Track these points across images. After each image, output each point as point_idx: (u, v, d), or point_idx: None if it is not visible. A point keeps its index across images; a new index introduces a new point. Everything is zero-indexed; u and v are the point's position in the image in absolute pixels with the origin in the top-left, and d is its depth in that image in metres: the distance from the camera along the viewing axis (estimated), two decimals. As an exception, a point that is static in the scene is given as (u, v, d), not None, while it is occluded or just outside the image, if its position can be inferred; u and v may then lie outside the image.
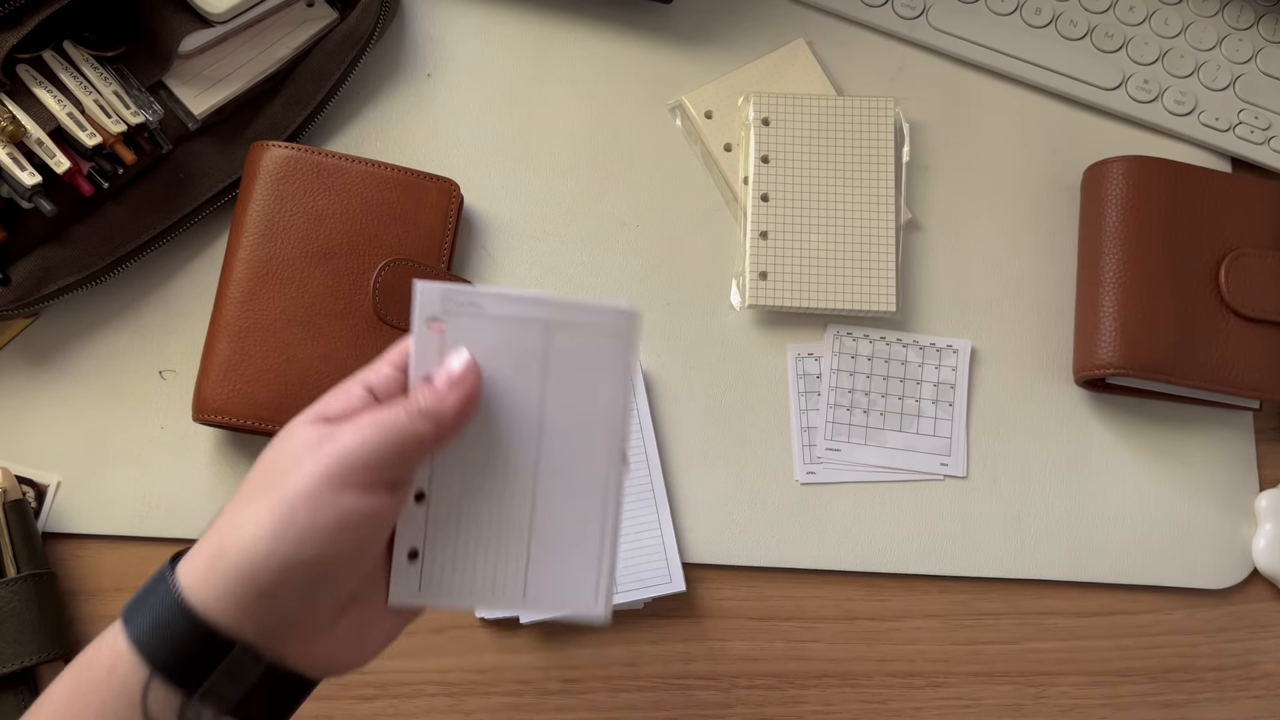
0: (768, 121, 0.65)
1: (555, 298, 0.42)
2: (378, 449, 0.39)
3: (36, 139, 0.56)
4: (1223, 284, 0.63)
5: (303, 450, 0.39)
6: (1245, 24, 0.71)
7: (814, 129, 0.66)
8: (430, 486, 0.42)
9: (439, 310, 0.42)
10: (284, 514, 0.37)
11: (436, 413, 0.40)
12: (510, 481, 0.43)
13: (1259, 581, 0.64)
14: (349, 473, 0.38)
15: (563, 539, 0.43)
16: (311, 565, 0.38)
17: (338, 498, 0.38)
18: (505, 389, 0.42)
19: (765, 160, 0.65)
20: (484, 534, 0.42)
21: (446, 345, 0.42)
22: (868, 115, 0.66)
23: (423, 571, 0.42)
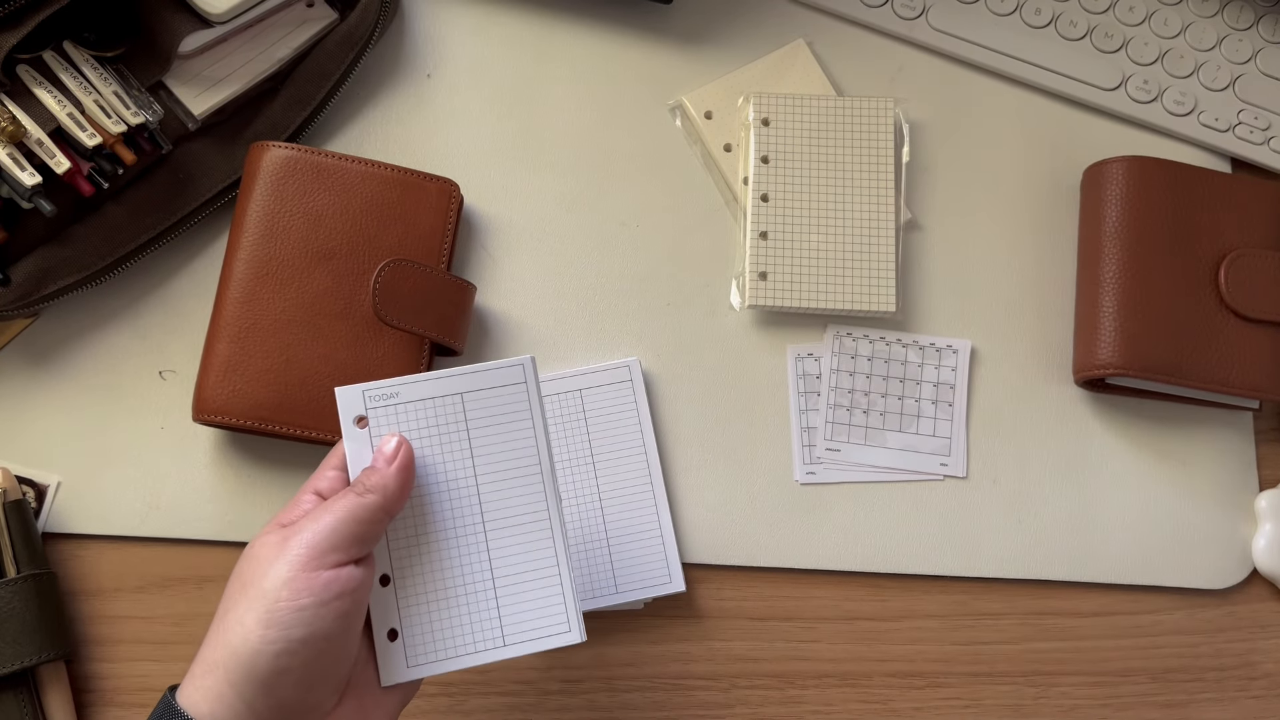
0: (768, 122, 0.65)
1: (460, 370, 0.47)
2: (336, 527, 0.43)
3: (36, 139, 0.56)
4: (1222, 284, 0.63)
5: (270, 553, 0.42)
6: (1245, 24, 0.71)
7: (814, 129, 0.66)
8: (393, 568, 0.46)
9: (361, 408, 0.47)
10: (266, 606, 0.41)
11: (381, 484, 0.45)
12: (464, 544, 0.47)
13: (1259, 582, 0.64)
14: (317, 554, 0.42)
15: (524, 581, 0.47)
16: (303, 646, 0.41)
17: (313, 578, 0.41)
18: (438, 462, 0.47)
19: (765, 160, 0.65)
20: (453, 598, 0.47)
21: (375, 437, 0.47)
22: (867, 115, 0.66)
23: (406, 648, 0.46)
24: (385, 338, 0.59)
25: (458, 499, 0.47)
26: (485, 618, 0.47)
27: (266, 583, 0.41)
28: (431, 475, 0.47)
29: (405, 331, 0.58)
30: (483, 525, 0.47)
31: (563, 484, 0.60)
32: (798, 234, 0.64)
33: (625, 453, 0.61)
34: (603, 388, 0.61)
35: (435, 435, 0.47)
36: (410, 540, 0.47)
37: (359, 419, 0.47)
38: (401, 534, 0.47)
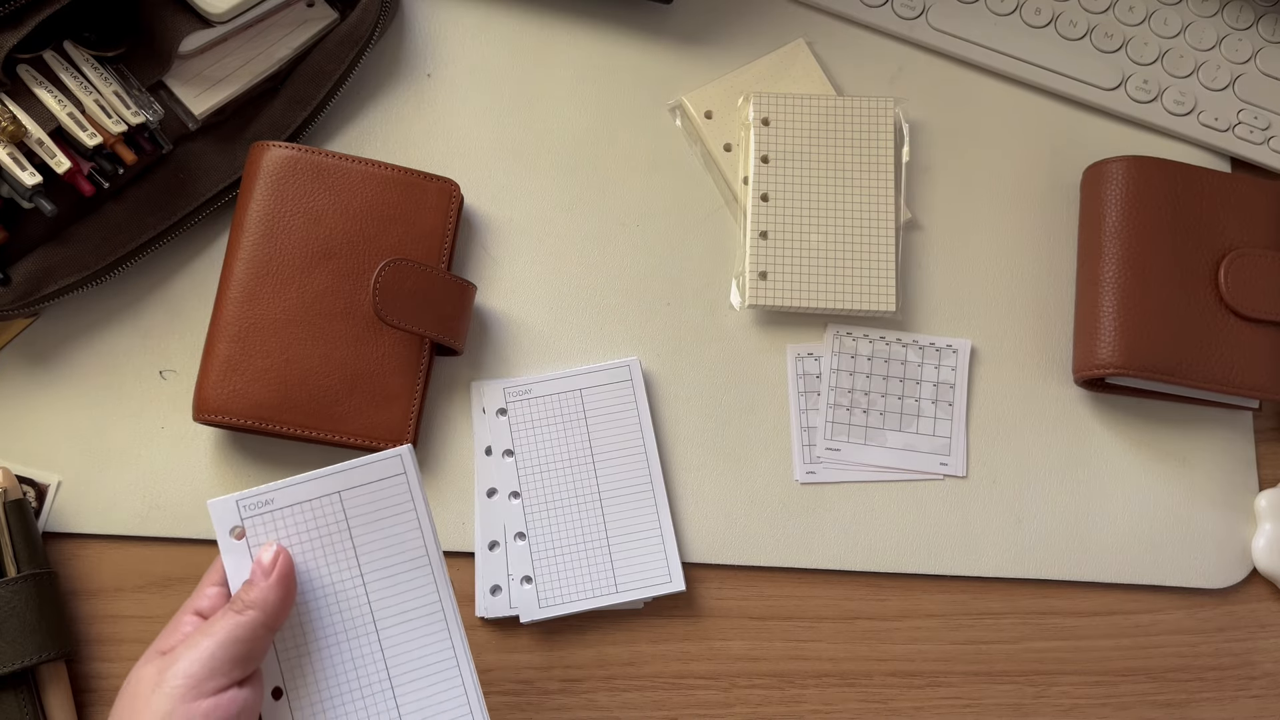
0: (768, 121, 0.65)
1: (334, 469, 0.46)
2: (214, 652, 0.42)
3: (37, 139, 0.56)
4: (1222, 284, 0.63)
5: (148, 687, 0.41)
6: (1244, 24, 0.71)
7: (814, 129, 0.66)
8: (284, 680, 0.45)
9: (237, 519, 0.46)
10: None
11: (260, 600, 0.43)
12: (355, 645, 0.46)
13: (1258, 581, 0.64)
14: (195, 683, 0.41)
15: (422, 677, 0.46)
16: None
17: (193, 709, 0.41)
18: (322, 565, 0.46)
19: (765, 160, 0.65)
20: (348, 703, 0.46)
21: (254, 547, 0.46)
22: (867, 115, 0.66)
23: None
24: (385, 337, 0.59)
25: (345, 600, 0.46)
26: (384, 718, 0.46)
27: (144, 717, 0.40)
28: (316, 579, 0.46)
29: (405, 331, 0.58)
30: (374, 624, 0.46)
31: (564, 484, 0.60)
32: (798, 233, 0.64)
33: (625, 452, 0.61)
34: (603, 387, 0.61)
35: (316, 538, 0.46)
36: (300, 648, 0.46)
37: (234, 530, 0.46)
38: (290, 643, 0.46)
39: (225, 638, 0.42)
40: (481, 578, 0.59)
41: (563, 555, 0.59)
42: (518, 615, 0.58)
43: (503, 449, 0.61)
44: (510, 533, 0.59)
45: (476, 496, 0.60)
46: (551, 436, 0.61)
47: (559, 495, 0.60)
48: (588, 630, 0.60)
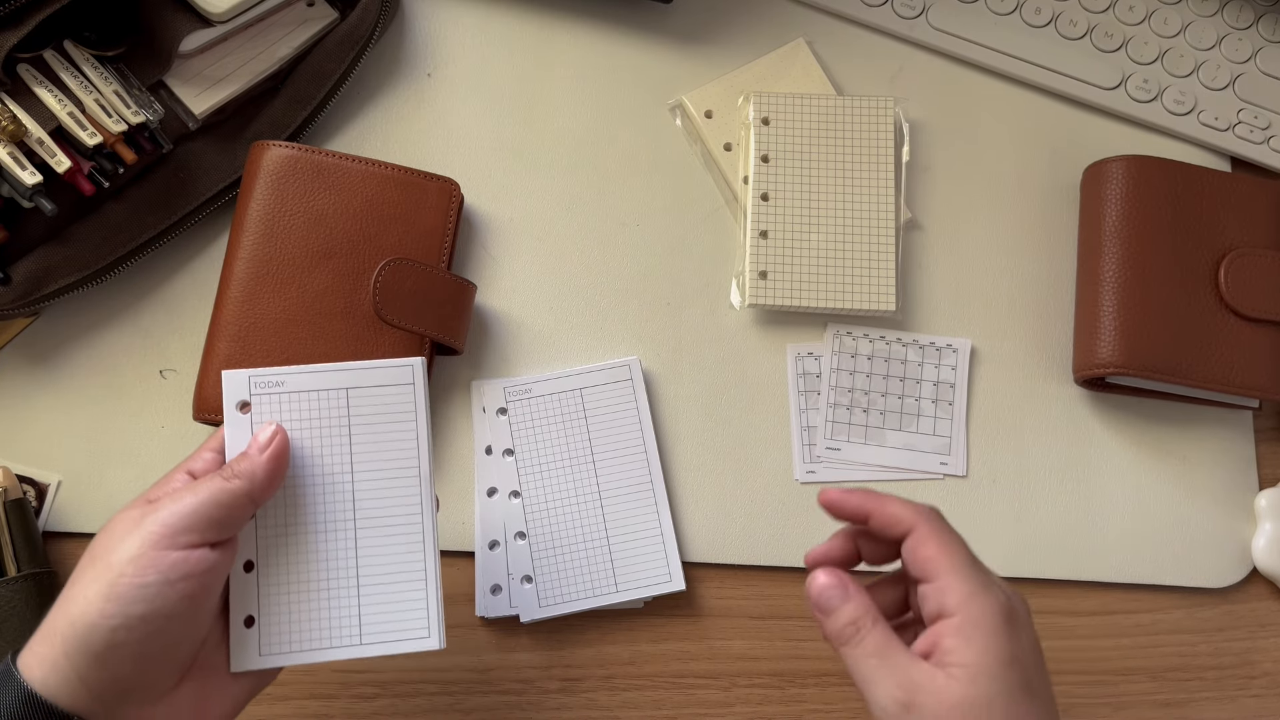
0: (768, 121, 0.66)
1: (349, 365, 0.48)
2: (196, 509, 0.42)
3: (37, 138, 0.56)
4: (1222, 283, 0.63)
5: (126, 526, 0.42)
6: (1244, 23, 0.71)
7: (814, 128, 0.66)
8: (258, 555, 0.46)
9: (246, 394, 0.47)
10: (110, 579, 0.40)
11: (249, 471, 0.44)
12: (332, 538, 0.47)
13: (1258, 581, 0.64)
14: (170, 533, 0.41)
15: (389, 582, 0.47)
16: (142, 623, 0.40)
17: (161, 556, 0.41)
18: (316, 455, 0.47)
19: (765, 159, 0.65)
20: (314, 591, 0.46)
21: (257, 424, 0.46)
22: (868, 115, 0.66)
23: (260, 636, 0.46)
24: (385, 337, 0.59)
25: (332, 493, 0.47)
26: (345, 614, 0.46)
27: (114, 556, 0.41)
28: (308, 467, 0.47)
29: (405, 331, 0.58)
30: (354, 522, 0.47)
31: (564, 483, 0.60)
32: (798, 233, 0.64)
33: (625, 452, 0.61)
34: (603, 386, 0.62)
35: (316, 428, 0.47)
36: (280, 529, 0.46)
37: (242, 404, 0.47)
38: (272, 522, 0.46)
39: (208, 498, 0.43)
40: (482, 577, 0.59)
41: (563, 555, 0.59)
42: (518, 615, 0.58)
43: (503, 448, 0.61)
44: (510, 532, 0.60)
45: (477, 496, 0.60)
46: (551, 436, 0.61)
47: (559, 495, 0.60)
48: (588, 630, 0.60)
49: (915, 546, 0.45)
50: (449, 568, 0.60)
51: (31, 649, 0.41)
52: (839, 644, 0.44)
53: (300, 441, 0.47)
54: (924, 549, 0.45)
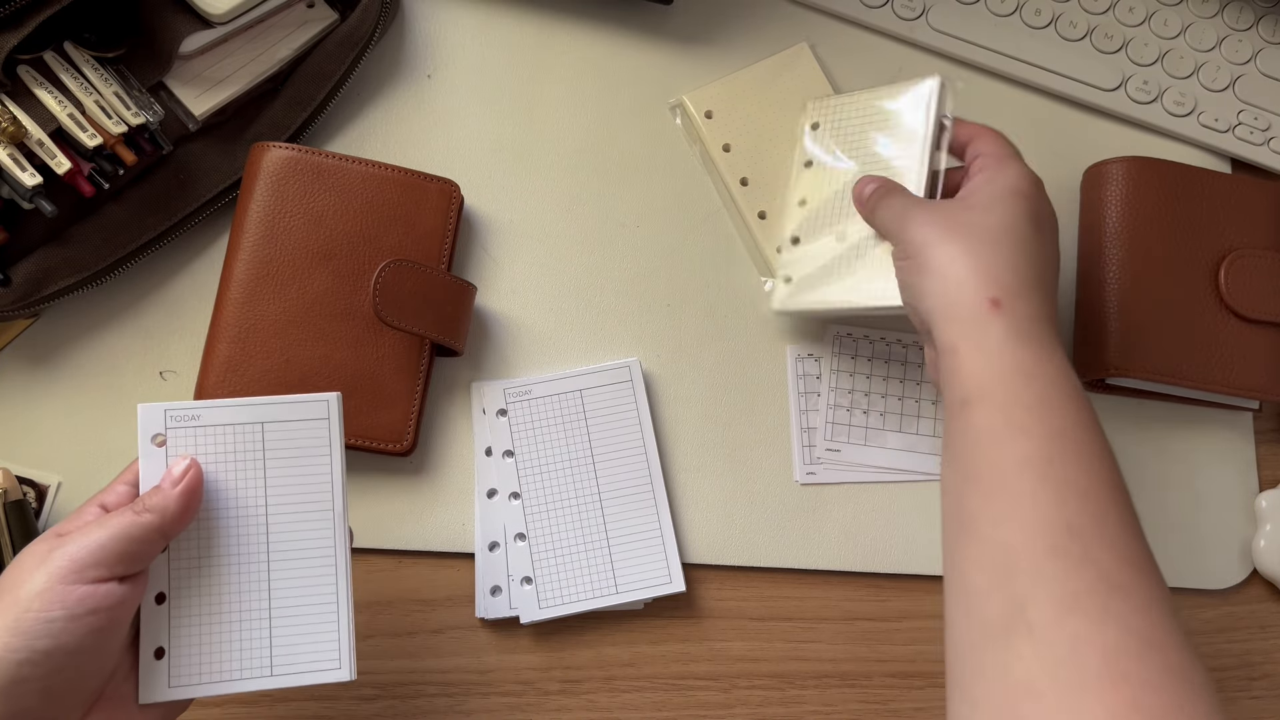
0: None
1: (264, 400, 0.48)
2: (104, 544, 0.42)
3: (37, 140, 0.56)
4: (1222, 285, 0.63)
5: (34, 561, 0.42)
6: (1245, 25, 0.71)
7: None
8: (169, 587, 0.46)
9: (161, 427, 0.47)
10: (16, 614, 0.40)
11: (161, 505, 0.44)
12: (245, 570, 0.47)
13: (1259, 582, 0.64)
14: (78, 568, 0.41)
15: (301, 613, 0.47)
16: (47, 658, 0.40)
17: (67, 591, 0.41)
18: (231, 488, 0.47)
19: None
20: (226, 623, 0.47)
21: (171, 457, 0.47)
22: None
23: (170, 667, 0.46)
24: (385, 338, 0.59)
25: (245, 526, 0.47)
26: (256, 646, 0.47)
27: (21, 591, 0.41)
28: (223, 499, 0.47)
29: (405, 332, 0.58)
30: (267, 555, 0.47)
31: (564, 484, 0.60)
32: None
33: (625, 453, 0.61)
34: (603, 388, 0.62)
35: (232, 461, 0.47)
36: (193, 561, 0.47)
37: (157, 437, 0.47)
38: (184, 554, 0.47)
39: (118, 533, 0.42)
40: (482, 578, 0.59)
41: (563, 556, 0.59)
42: (518, 616, 0.58)
43: (503, 450, 0.61)
44: (510, 533, 0.60)
45: (477, 497, 0.60)
46: (552, 437, 0.61)
47: (559, 496, 0.60)
48: (587, 631, 0.60)
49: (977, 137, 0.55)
50: (448, 569, 0.60)
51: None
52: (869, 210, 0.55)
53: (215, 475, 0.47)
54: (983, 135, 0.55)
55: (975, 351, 0.46)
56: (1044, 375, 0.45)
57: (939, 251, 0.49)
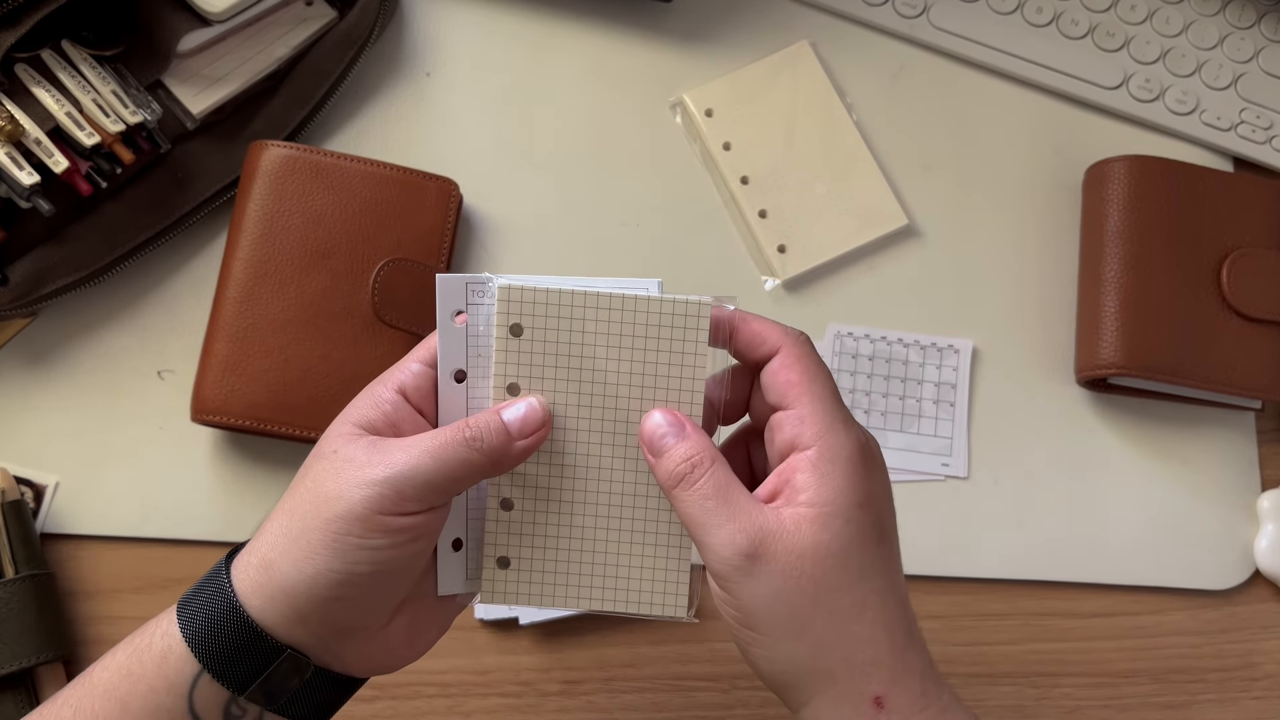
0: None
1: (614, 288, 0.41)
2: (431, 476, 0.38)
3: (35, 138, 0.56)
4: (1224, 284, 0.63)
5: (351, 470, 0.38)
6: (1247, 23, 0.71)
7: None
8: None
9: (462, 302, 0.41)
10: (334, 537, 0.37)
11: (498, 451, 0.39)
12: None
13: (1261, 582, 0.64)
14: (400, 499, 0.38)
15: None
16: (368, 580, 0.38)
17: (389, 521, 0.38)
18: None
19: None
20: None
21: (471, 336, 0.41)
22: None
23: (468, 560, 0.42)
24: (384, 337, 0.59)
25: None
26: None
27: (339, 507, 0.38)
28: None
29: (405, 331, 0.58)
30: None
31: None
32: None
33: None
34: None
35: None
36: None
37: (457, 313, 0.41)
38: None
39: (447, 471, 0.38)
40: (481, 579, 0.59)
41: (563, 556, 0.59)
42: (517, 617, 0.58)
43: None
44: (510, 533, 0.59)
45: (476, 497, 0.60)
46: None
47: None
48: (587, 632, 0.60)
49: (778, 369, 0.40)
50: (448, 569, 0.59)
51: (247, 572, 0.39)
52: (670, 487, 0.40)
53: None
54: (787, 372, 0.40)
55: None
56: None
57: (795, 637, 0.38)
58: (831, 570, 0.38)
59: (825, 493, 0.38)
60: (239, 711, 0.39)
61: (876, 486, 0.40)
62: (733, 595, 0.39)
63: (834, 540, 0.38)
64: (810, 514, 0.38)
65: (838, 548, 0.38)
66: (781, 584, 0.38)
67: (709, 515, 0.39)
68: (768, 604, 0.38)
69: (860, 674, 0.38)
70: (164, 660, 0.38)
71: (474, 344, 0.41)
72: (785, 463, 0.39)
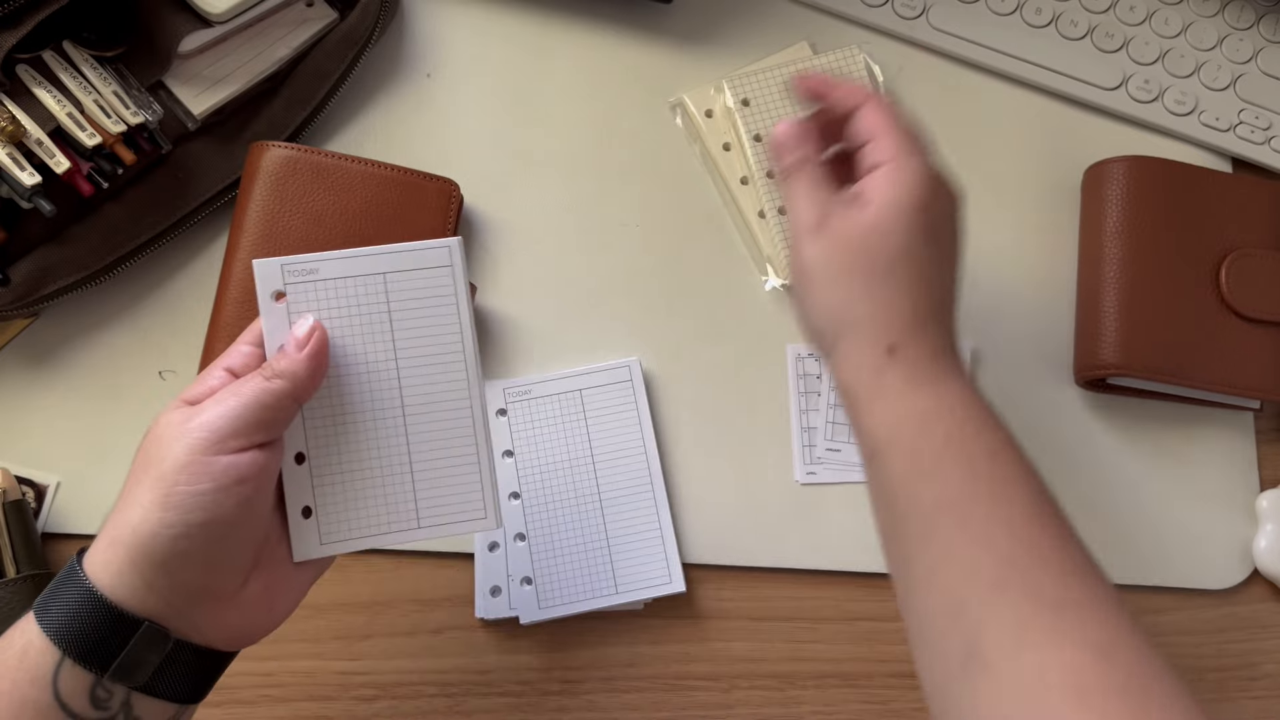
0: (748, 102, 0.65)
1: (383, 249, 0.46)
2: (240, 412, 0.42)
3: (36, 139, 0.56)
4: (1223, 284, 0.63)
5: (172, 432, 0.41)
6: (1246, 24, 0.71)
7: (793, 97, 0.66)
8: (308, 446, 0.46)
9: (280, 283, 0.46)
10: (164, 489, 0.40)
11: (290, 370, 0.43)
12: (382, 425, 0.46)
13: (1260, 582, 0.64)
14: (217, 439, 0.41)
15: (443, 463, 0.47)
16: (202, 530, 0.40)
17: (211, 462, 0.40)
18: (358, 342, 0.46)
19: (759, 139, 0.65)
20: (368, 477, 0.46)
21: (293, 313, 0.45)
22: (839, 69, 0.67)
23: (320, 524, 0.46)
24: (385, 338, 0.59)
25: (377, 380, 0.46)
26: (400, 499, 0.46)
27: (165, 464, 0.40)
28: (351, 355, 0.46)
29: (405, 331, 0.58)
30: (402, 407, 0.46)
31: (563, 484, 0.60)
32: None
33: (625, 453, 0.61)
34: (603, 388, 0.61)
35: (356, 314, 0.46)
36: (328, 419, 0.46)
37: (277, 294, 0.46)
38: (319, 413, 0.46)
39: (251, 401, 0.42)
40: (481, 579, 0.59)
41: (563, 556, 0.59)
42: (517, 616, 0.58)
43: (502, 450, 0.61)
44: (510, 534, 0.59)
45: (476, 497, 0.60)
46: (552, 437, 0.61)
47: (559, 496, 0.60)
48: (587, 632, 0.60)
49: (865, 114, 0.50)
50: (447, 569, 0.59)
51: (97, 555, 0.41)
52: (784, 177, 0.50)
53: (340, 330, 0.46)
54: (872, 115, 0.50)
55: (874, 401, 0.45)
56: (948, 414, 0.45)
57: (834, 290, 0.47)
58: (874, 245, 0.46)
59: (887, 194, 0.47)
60: (105, 694, 0.40)
61: (937, 203, 0.48)
62: (797, 257, 0.49)
63: (882, 223, 0.47)
64: (871, 206, 0.47)
65: (884, 229, 0.46)
66: (831, 247, 0.47)
67: (800, 198, 0.49)
68: (817, 262, 0.48)
69: (879, 325, 0.46)
70: (24, 655, 0.39)
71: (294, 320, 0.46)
72: (863, 179, 0.49)
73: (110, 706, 0.40)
